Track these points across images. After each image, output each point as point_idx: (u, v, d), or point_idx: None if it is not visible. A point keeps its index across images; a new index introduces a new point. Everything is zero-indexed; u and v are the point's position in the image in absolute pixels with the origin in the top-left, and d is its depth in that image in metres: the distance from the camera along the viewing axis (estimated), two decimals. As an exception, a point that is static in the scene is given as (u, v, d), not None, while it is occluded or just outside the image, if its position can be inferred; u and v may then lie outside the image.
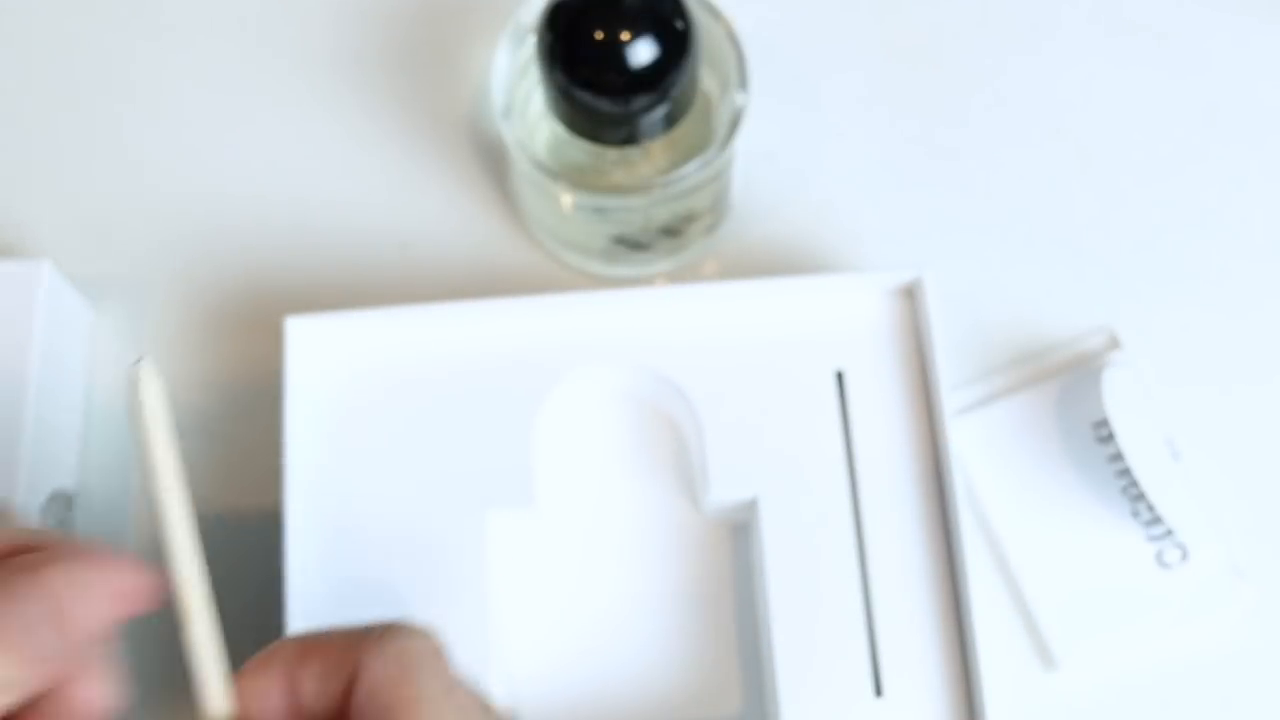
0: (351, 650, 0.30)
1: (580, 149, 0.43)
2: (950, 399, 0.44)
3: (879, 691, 0.41)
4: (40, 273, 0.44)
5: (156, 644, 0.38)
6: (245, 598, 0.38)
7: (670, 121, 0.42)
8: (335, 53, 0.51)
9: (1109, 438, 0.44)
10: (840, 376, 0.44)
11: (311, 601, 0.41)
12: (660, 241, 0.46)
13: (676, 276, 0.48)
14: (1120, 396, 0.44)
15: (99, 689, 0.30)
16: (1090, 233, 0.48)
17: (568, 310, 0.44)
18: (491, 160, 0.49)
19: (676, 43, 0.39)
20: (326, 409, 0.43)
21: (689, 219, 0.45)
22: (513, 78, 0.43)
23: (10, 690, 0.28)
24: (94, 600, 0.30)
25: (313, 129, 0.50)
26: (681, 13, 0.40)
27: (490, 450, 0.43)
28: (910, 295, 0.45)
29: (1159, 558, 0.44)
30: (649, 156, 0.43)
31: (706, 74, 0.43)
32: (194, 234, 0.49)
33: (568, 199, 0.44)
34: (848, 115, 0.50)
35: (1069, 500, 0.45)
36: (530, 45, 0.42)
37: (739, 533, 0.44)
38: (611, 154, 0.43)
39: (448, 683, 0.31)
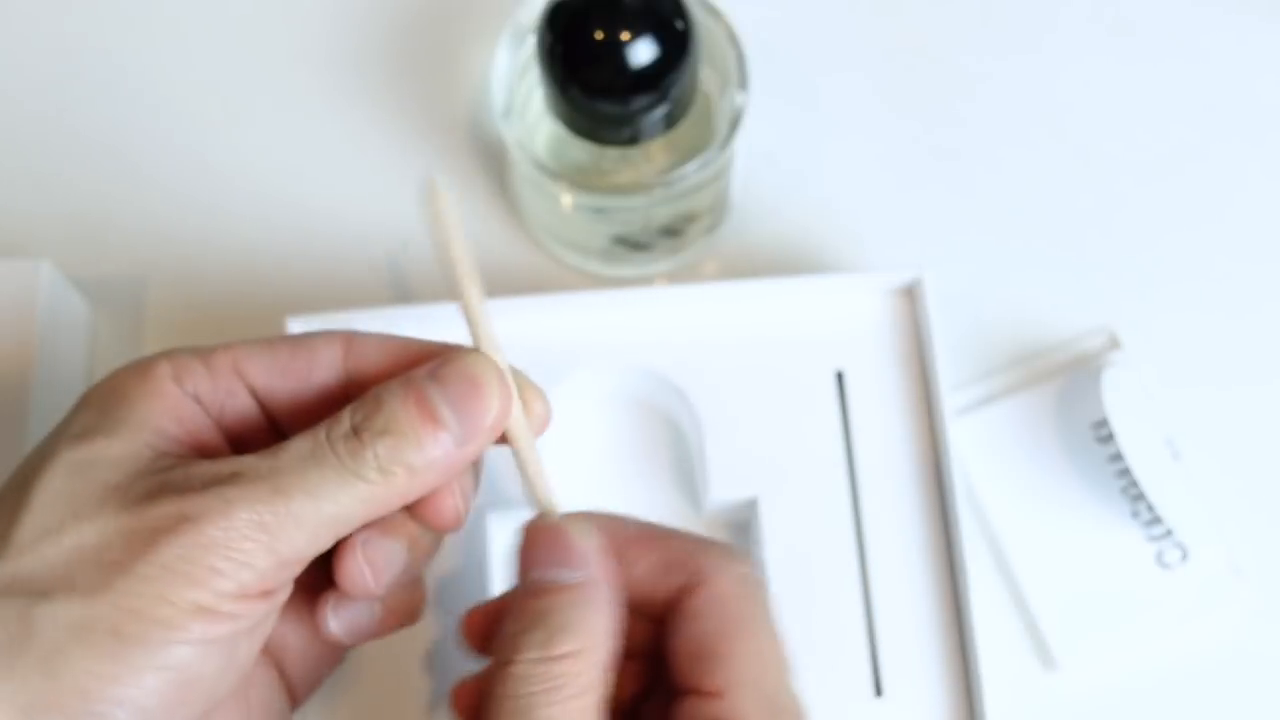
0: (697, 556, 0.32)
1: (580, 149, 0.43)
2: (950, 399, 0.44)
3: (879, 691, 0.41)
4: (40, 273, 0.44)
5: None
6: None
7: (670, 121, 0.42)
8: (335, 53, 0.51)
9: (1109, 438, 0.44)
10: (840, 376, 0.44)
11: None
12: (660, 241, 0.46)
13: (676, 276, 0.48)
14: (1120, 396, 0.44)
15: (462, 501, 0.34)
16: (1090, 233, 0.48)
17: (568, 310, 0.44)
18: (491, 160, 0.49)
19: (676, 43, 0.39)
20: (326, 409, 0.43)
21: (689, 219, 0.45)
22: (513, 78, 0.43)
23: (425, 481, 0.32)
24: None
25: (313, 129, 0.50)
26: (681, 13, 0.40)
27: (489, 451, 0.43)
28: (910, 295, 0.45)
29: (1159, 558, 0.44)
30: (649, 156, 0.43)
31: (706, 74, 0.43)
32: (194, 234, 0.48)
33: (568, 199, 0.44)
34: (848, 115, 0.50)
35: (1069, 500, 0.45)
36: (530, 45, 0.42)
37: (739, 533, 0.44)
38: (612, 154, 0.43)
39: (773, 617, 0.32)
